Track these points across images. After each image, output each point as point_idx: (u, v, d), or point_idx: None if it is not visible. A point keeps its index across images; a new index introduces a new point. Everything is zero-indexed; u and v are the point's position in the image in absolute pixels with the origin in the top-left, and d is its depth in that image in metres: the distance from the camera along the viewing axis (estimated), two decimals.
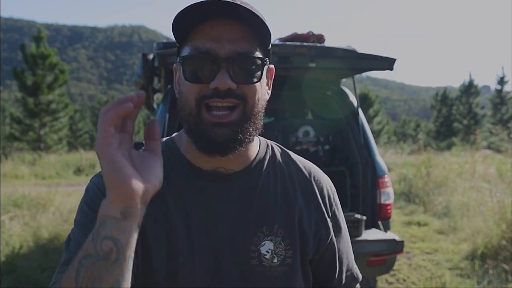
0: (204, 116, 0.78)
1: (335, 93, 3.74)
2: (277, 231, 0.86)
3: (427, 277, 4.23)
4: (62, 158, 17.06)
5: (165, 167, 0.83)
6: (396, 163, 13.18)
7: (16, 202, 6.56)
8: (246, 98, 0.79)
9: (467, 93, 36.41)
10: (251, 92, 0.79)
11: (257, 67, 0.79)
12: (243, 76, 0.78)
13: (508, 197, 5.14)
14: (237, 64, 0.77)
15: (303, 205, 0.90)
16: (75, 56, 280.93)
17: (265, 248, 0.84)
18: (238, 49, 0.77)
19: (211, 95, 0.77)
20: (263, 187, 0.88)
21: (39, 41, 20.83)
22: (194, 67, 0.78)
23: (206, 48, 0.77)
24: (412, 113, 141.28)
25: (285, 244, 0.86)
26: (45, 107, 21.06)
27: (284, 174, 0.91)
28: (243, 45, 0.78)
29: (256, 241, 0.84)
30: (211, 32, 0.77)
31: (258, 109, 0.81)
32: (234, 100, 0.77)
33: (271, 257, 0.84)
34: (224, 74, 0.76)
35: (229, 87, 0.76)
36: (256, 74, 0.80)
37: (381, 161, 3.41)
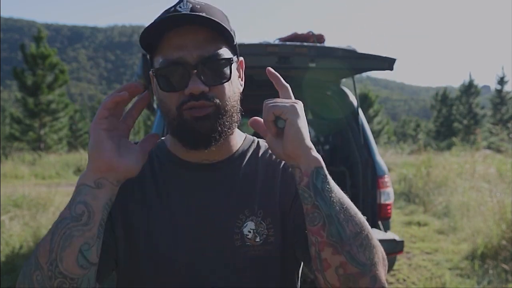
0: (185, 115, 0.83)
1: (335, 93, 3.74)
2: (257, 212, 0.89)
3: (427, 277, 4.23)
4: (62, 158, 17.06)
5: (153, 163, 0.94)
6: (396, 163, 13.18)
7: (16, 202, 6.56)
8: (218, 99, 0.84)
9: (467, 93, 36.43)
10: (222, 92, 0.85)
11: (225, 67, 0.85)
12: (213, 78, 0.83)
13: (508, 197, 5.14)
14: (206, 68, 0.82)
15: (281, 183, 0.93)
16: (75, 56, 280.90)
17: (247, 228, 0.88)
18: (204, 53, 0.82)
19: (188, 99, 0.82)
20: (245, 174, 0.93)
21: (39, 41, 20.83)
22: (167, 77, 0.83)
23: (174, 58, 0.82)
24: (412, 113, 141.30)
25: (266, 223, 0.89)
26: (45, 107, 21.05)
27: (266, 164, 0.95)
28: (208, 47, 0.83)
29: (238, 223, 0.88)
30: (177, 41, 0.83)
31: (232, 104, 0.87)
32: (207, 103, 0.83)
33: (253, 236, 0.88)
34: (195, 80, 0.81)
35: (202, 91, 0.82)
36: (225, 74, 0.85)
37: (381, 161, 3.41)
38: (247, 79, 0.98)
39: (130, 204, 0.91)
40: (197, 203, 0.90)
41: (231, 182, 0.92)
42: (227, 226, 0.88)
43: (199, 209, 0.89)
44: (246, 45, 2.85)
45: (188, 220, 0.89)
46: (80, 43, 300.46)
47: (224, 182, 0.92)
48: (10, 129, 23.39)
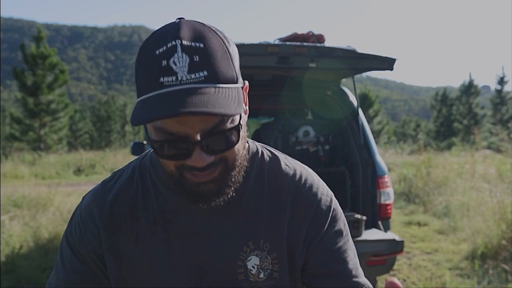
0: (187, 176, 0.73)
1: (335, 93, 3.74)
2: (263, 246, 0.84)
3: (427, 277, 4.23)
4: (62, 158, 17.06)
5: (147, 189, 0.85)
6: (396, 163, 13.18)
7: (16, 202, 6.56)
8: (226, 160, 0.75)
9: (467, 93, 36.40)
10: (230, 154, 0.75)
11: (232, 133, 0.73)
12: (219, 147, 0.73)
13: (508, 197, 5.14)
14: (210, 140, 0.71)
15: (291, 215, 0.86)
16: (75, 56, 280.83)
17: (251, 263, 0.83)
18: (208, 126, 0.70)
19: (190, 168, 0.72)
20: (248, 201, 0.85)
21: (39, 41, 20.82)
22: (167, 149, 0.72)
23: (174, 132, 0.70)
24: (412, 113, 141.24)
25: (271, 258, 0.84)
26: (45, 107, 21.05)
27: (271, 184, 0.87)
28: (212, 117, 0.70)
29: (242, 257, 0.83)
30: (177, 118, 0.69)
31: (240, 158, 0.78)
32: (213, 169, 0.73)
33: (257, 272, 0.83)
34: (199, 154, 0.71)
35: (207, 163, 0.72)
36: (232, 140, 0.74)
37: (381, 161, 3.41)
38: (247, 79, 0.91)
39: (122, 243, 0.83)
40: (198, 234, 0.83)
41: (233, 210, 0.84)
42: (231, 259, 0.83)
43: (200, 240, 0.83)
44: (246, 45, 2.84)
45: (188, 253, 0.83)
46: (80, 43, 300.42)
47: (225, 210, 0.83)
48: (10, 129, 23.40)
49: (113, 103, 39.17)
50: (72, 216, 0.89)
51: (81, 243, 0.84)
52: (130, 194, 0.86)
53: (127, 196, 0.86)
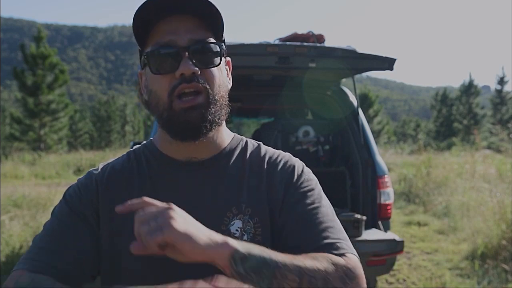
0: (175, 105, 0.84)
1: (335, 93, 3.74)
2: (245, 210, 0.89)
3: (427, 277, 4.23)
4: (62, 158, 17.08)
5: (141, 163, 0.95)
6: (396, 163, 13.18)
7: (16, 202, 6.56)
8: (209, 84, 0.85)
9: (467, 93, 36.40)
10: (212, 76, 0.86)
11: (215, 53, 0.86)
12: (204, 61, 0.85)
13: (508, 197, 5.14)
14: (197, 51, 0.84)
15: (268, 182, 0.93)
16: (75, 56, 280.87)
17: (234, 227, 0.88)
18: (195, 36, 0.84)
19: (179, 82, 0.83)
20: (232, 173, 0.93)
21: (39, 41, 20.84)
22: (159, 60, 0.85)
23: (166, 41, 0.84)
24: (412, 113, 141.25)
25: (253, 222, 0.89)
26: (45, 107, 21.06)
27: (253, 162, 0.96)
28: (199, 33, 0.85)
29: (225, 221, 0.88)
30: (168, 27, 0.84)
31: (221, 94, 0.88)
32: (198, 85, 0.83)
33: (241, 235, 0.87)
34: (187, 61, 0.82)
35: (192, 72, 0.83)
36: (215, 59, 0.86)
37: (381, 161, 3.41)
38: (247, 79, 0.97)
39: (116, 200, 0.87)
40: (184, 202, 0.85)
41: (218, 180, 0.92)
42: (214, 224, 0.84)
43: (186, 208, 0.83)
44: (246, 45, 2.84)
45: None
46: (80, 43, 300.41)
47: (211, 181, 0.91)
48: (10, 129, 23.41)
49: (113, 103, 39.18)
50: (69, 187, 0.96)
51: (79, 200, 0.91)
52: (125, 166, 0.95)
53: (123, 167, 0.95)
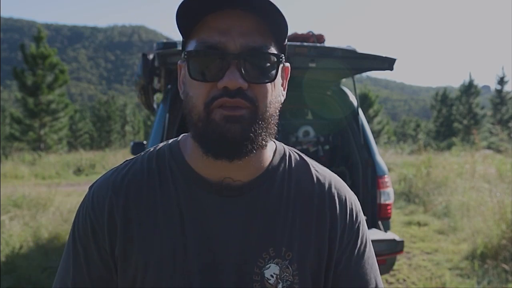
0: (215, 114, 0.69)
1: (335, 93, 3.74)
2: (284, 254, 0.77)
3: (427, 277, 4.23)
4: (62, 158, 17.06)
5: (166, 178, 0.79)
6: (396, 163, 13.17)
7: (16, 202, 6.56)
8: (257, 101, 0.70)
9: (467, 93, 36.39)
10: (263, 93, 0.71)
11: (271, 65, 0.71)
12: (256, 74, 0.69)
13: (508, 197, 5.14)
14: (249, 61, 0.69)
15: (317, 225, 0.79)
16: (75, 56, 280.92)
17: (270, 271, 0.75)
18: (250, 43, 0.68)
19: (220, 95, 0.68)
20: (273, 203, 0.78)
21: (39, 41, 20.83)
22: (201, 63, 0.70)
23: (214, 42, 0.68)
24: (412, 113, 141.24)
25: (293, 268, 0.76)
26: (45, 107, 21.06)
27: (300, 190, 0.80)
28: (256, 38, 0.69)
29: (260, 264, 0.76)
30: (220, 24, 0.69)
31: (271, 113, 0.73)
32: (242, 101, 0.68)
33: (276, 282, 0.75)
34: (234, 72, 0.68)
35: (239, 87, 0.68)
36: (270, 73, 0.71)
37: (381, 161, 3.41)
38: None
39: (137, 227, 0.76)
40: (214, 235, 0.76)
41: (255, 211, 0.77)
42: (247, 265, 0.75)
43: (216, 242, 0.75)
44: None
45: (203, 250, 0.76)
46: (80, 43, 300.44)
47: (248, 211, 0.77)
48: (10, 129, 23.40)
49: (113, 103, 39.17)
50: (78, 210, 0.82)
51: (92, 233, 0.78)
52: (145, 179, 0.79)
53: (143, 181, 0.79)
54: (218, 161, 0.72)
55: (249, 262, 0.76)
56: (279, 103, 0.76)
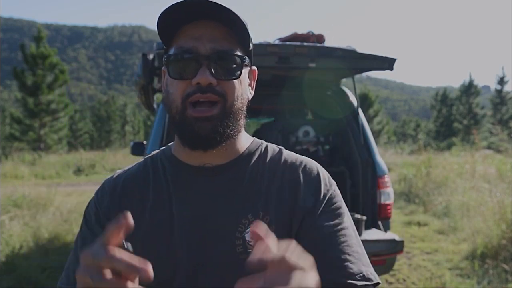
0: (188, 113, 0.82)
1: (335, 93, 3.74)
2: (262, 218, 0.85)
3: (427, 277, 4.23)
4: (62, 158, 17.08)
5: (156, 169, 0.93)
6: (396, 163, 13.18)
7: (16, 202, 6.56)
8: (226, 95, 0.83)
9: (467, 93, 36.40)
10: (231, 89, 0.83)
11: (236, 65, 0.84)
12: (223, 72, 0.83)
13: (508, 197, 5.14)
14: (217, 61, 0.82)
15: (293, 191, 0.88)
16: (75, 56, 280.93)
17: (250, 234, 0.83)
18: (218, 47, 0.82)
19: (194, 91, 0.81)
20: (250, 178, 0.89)
21: (39, 41, 20.85)
22: (178, 65, 0.83)
23: (188, 47, 0.82)
24: (412, 113, 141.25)
25: (271, 230, 0.80)
26: (45, 107, 21.07)
27: (272, 167, 0.91)
28: (223, 43, 0.83)
29: (240, 228, 0.85)
30: (194, 32, 0.83)
31: (238, 106, 0.85)
32: (214, 96, 0.81)
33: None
34: (205, 71, 0.81)
35: (209, 83, 0.81)
36: (235, 72, 0.84)
37: (381, 161, 3.41)
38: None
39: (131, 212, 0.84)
40: (198, 208, 0.87)
41: (233, 186, 0.88)
42: (229, 231, 0.85)
43: (200, 215, 0.86)
44: None
45: (191, 225, 0.86)
46: (80, 43, 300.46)
47: (226, 186, 0.88)
48: (10, 129, 23.42)
49: (113, 103, 39.19)
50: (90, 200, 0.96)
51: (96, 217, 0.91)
52: (141, 174, 0.94)
53: (139, 176, 0.94)
54: (195, 151, 0.86)
55: (230, 229, 0.85)
56: (246, 99, 0.89)
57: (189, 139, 0.84)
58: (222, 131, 0.83)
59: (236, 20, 0.82)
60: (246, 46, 0.87)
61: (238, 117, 0.86)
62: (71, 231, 5.61)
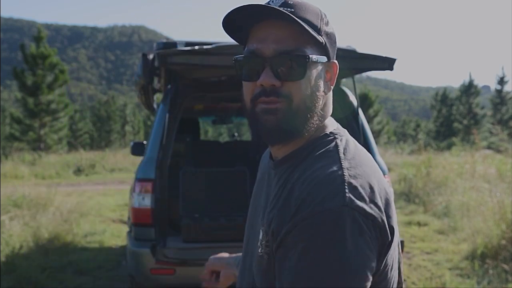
0: (256, 109, 0.85)
1: (335, 93, 3.73)
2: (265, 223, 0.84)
3: (427, 277, 4.23)
4: (62, 158, 17.06)
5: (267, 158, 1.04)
6: (396, 163, 13.18)
7: (16, 202, 6.56)
8: (291, 96, 0.82)
9: (467, 93, 36.39)
10: (296, 89, 0.83)
11: (301, 64, 0.82)
12: (287, 73, 0.82)
13: (508, 197, 5.14)
14: (280, 62, 0.82)
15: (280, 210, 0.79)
16: (75, 56, 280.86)
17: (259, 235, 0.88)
18: (282, 47, 0.82)
19: (259, 93, 0.84)
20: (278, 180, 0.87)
21: (39, 41, 20.84)
22: (245, 67, 0.87)
23: (253, 49, 0.84)
24: (412, 113, 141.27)
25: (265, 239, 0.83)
26: (45, 107, 21.06)
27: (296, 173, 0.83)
28: (289, 43, 0.82)
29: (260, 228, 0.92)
30: (259, 33, 0.84)
31: (308, 105, 0.83)
32: (276, 99, 0.82)
33: (259, 246, 0.86)
34: (268, 72, 0.82)
35: (272, 84, 0.82)
36: (300, 72, 0.82)
37: (381, 161, 3.41)
38: None
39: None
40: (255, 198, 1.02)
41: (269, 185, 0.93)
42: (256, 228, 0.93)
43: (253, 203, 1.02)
44: None
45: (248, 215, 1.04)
46: (80, 43, 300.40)
47: (268, 184, 0.95)
48: (10, 129, 23.43)
49: (113, 103, 39.17)
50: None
51: None
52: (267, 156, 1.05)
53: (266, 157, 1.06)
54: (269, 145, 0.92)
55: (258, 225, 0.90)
56: (320, 96, 0.86)
57: (258, 131, 0.86)
58: (286, 128, 0.83)
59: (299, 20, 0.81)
60: (318, 43, 0.84)
61: (307, 115, 0.84)
62: (71, 231, 5.61)
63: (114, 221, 7.11)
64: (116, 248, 5.38)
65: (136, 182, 3.08)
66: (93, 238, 5.78)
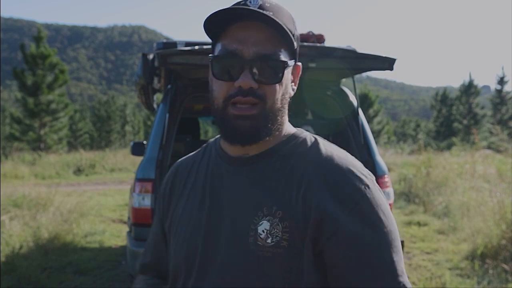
0: (229, 110, 0.86)
1: (335, 93, 3.74)
2: (275, 212, 0.85)
3: (427, 277, 4.23)
4: (62, 158, 17.05)
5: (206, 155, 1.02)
6: (396, 163, 13.19)
7: (16, 202, 6.56)
8: (265, 98, 0.86)
9: (467, 93, 36.41)
10: (271, 92, 0.86)
11: (278, 69, 0.86)
12: (265, 77, 0.85)
13: (508, 197, 5.14)
14: (259, 66, 0.84)
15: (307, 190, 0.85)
16: (75, 56, 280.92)
17: (262, 227, 0.86)
18: (261, 51, 0.84)
19: (235, 93, 0.85)
20: (273, 171, 0.90)
21: (39, 41, 20.83)
22: (222, 66, 0.87)
23: (232, 49, 0.85)
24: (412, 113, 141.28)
25: (282, 225, 0.84)
26: (45, 107, 21.05)
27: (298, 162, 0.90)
28: (267, 47, 0.85)
29: (255, 220, 0.87)
30: (239, 34, 0.85)
31: (278, 107, 0.88)
32: (254, 100, 0.84)
33: (266, 237, 0.85)
34: (247, 75, 0.84)
35: (251, 86, 0.84)
36: (277, 76, 0.86)
37: (381, 161, 3.41)
38: None
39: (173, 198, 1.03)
40: (225, 196, 0.93)
41: (257, 178, 0.91)
42: (245, 222, 0.88)
43: (225, 202, 0.92)
44: None
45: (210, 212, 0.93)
46: (80, 43, 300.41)
47: (252, 177, 0.91)
48: (10, 129, 23.43)
49: (113, 103, 39.17)
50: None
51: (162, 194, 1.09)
52: (194, 159, 1.05)
53: (191, 160, 1.06)
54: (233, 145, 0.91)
55: (247, 219, 0.88)
56: (288, 96, 0.92)
57: (229, 134, 0.88)
58: (261, 130, 0.86)
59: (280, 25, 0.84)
60: (291, 45, 0.88)
61: (277, 116, 0.89)
62: (71, 231, 5.61)
63: (114, 221, 7.11)
64: (116, 248, 5.37)
65: (136, 182, 3.08)
66: (93, 238, 5.78)
